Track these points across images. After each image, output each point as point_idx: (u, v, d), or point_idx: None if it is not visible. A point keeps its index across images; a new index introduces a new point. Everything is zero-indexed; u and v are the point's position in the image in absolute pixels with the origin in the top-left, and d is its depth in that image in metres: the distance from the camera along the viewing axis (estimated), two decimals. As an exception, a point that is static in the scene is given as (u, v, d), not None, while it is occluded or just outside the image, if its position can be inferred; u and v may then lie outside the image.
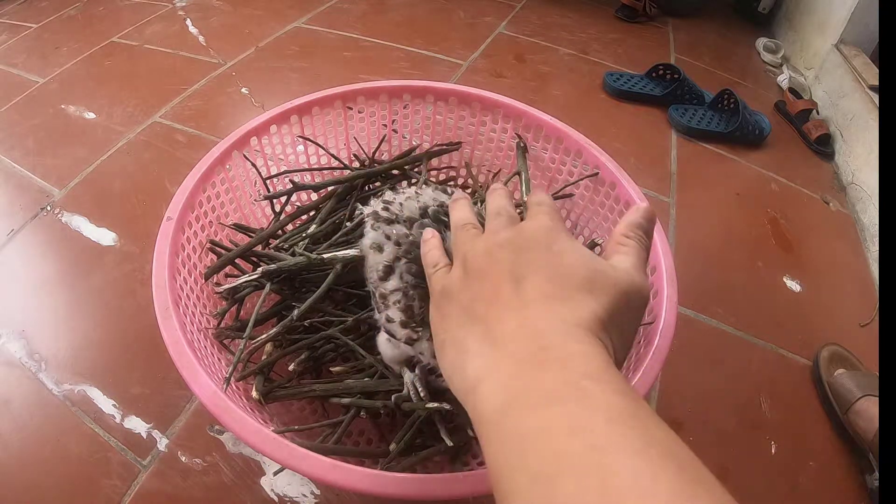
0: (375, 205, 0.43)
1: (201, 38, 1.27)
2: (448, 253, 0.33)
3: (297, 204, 0.64)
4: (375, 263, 0.39)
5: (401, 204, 0.42)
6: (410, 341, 0.37)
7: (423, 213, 0.40)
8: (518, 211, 0.32)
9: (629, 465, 0.17)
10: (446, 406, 0.38)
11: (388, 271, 0.38)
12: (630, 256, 0.27)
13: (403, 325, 0.37)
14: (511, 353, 0.23)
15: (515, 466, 0.20)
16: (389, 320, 0.38)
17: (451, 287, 0.28)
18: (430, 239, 0.34)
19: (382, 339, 0.41)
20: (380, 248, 0.39)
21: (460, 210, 0.33)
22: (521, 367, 0.22)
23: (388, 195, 0.43)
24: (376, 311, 0.40)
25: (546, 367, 0.22)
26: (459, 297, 0.27)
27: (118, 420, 0.60)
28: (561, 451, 0.18)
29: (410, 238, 0.39)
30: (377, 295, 0.39)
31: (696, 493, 0.17)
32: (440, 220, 0.39)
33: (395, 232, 0.39)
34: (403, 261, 0.38)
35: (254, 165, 0.59)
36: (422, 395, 0.40)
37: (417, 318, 0.37)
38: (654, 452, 0.18)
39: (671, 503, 0.16)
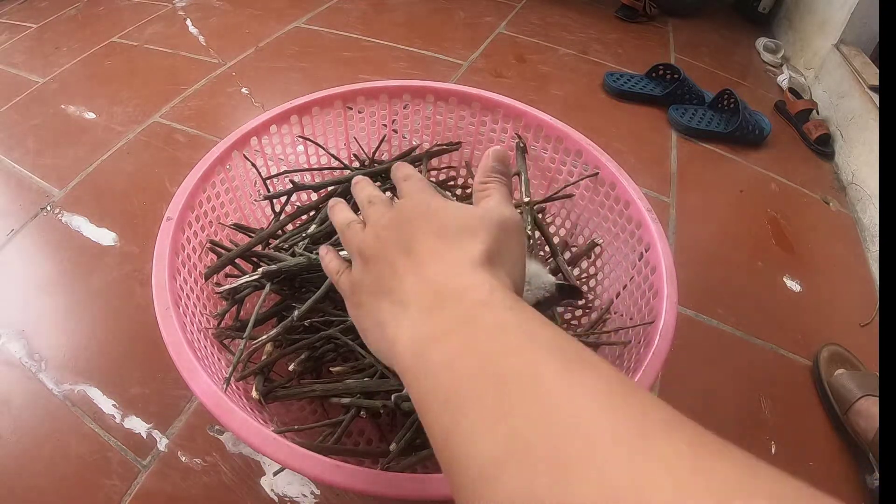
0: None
1: (201, 38, 1.27)
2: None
3: (297, 204, 0.64)
4: None
5: None
6: None
7: None
8: (519, 212, 0.33)
9: (516, 364, 0.20)
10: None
11: None
12: (493, 196, 0.31)
13: None
14: (415, 306, 0.25)
15: (428, 398, 0.22)
16: None
17: (355, 280, 0.30)
18: (325, 254, 0.36)
19: None
20: None
21: (339, 213, 0.35)
22: (424, 314, 0.25)
23: None
24: None
25: (442, 307, 0.24)
26: (365, 285, 0.29)
27: (118, 420, 0.60)
28: (461, 372, 0.21)
29: None
30: None
31: (581, 371, 0.19)
32: None
33: None
34: None
35: (254, 165, 0.59)
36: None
37: None
38: (541, 350, 0.20)
39: (557, 381, 0.19)
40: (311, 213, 0.61)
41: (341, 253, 0.35)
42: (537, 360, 0.20)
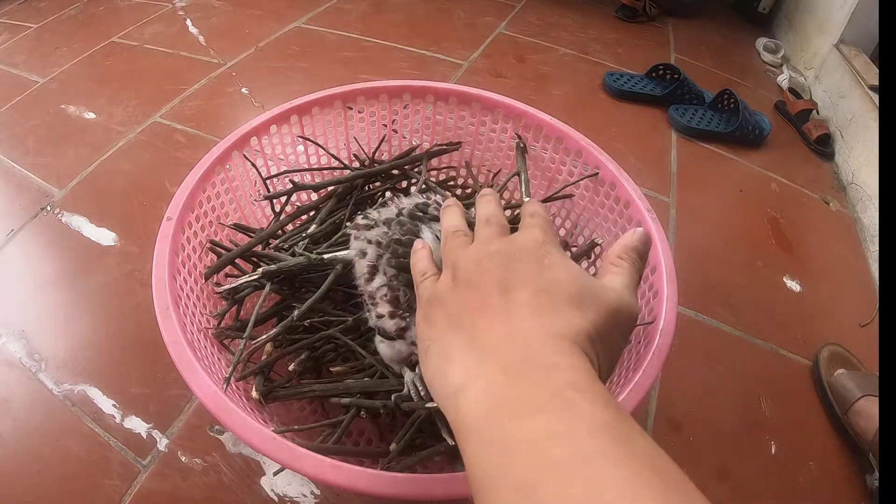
0: (357, 218, 0.44)
1: (201, 38, 1.27)
2: (438, 264, 0.33)
3: (297, 204, 0.64)
4: (361, 268, 0.41)
5: (378, 212, 0.43)
6: (400, 331, 0.38)
7: (399, 213, 0.41)
8: (515, 214, 0.32)
9: (612, 475, 0.17)
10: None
11: (373, 271, 0.40)
12: (621, 277, 0.27)
13: (392, 315, 0.38)
14: (496, 361, 0.23)
15: (498, 474, 0.19)
16: (380, 316, 0.39)
17: (439, 294, 0.28)
18: (419, 249, 0.34)
19: (379, 340, 0.41)
20: (363, 254, 0.41)
21: (451, 217, 0.33)
22: (506, 375, 0.22)
23: (369, 210, 0.45)
24: (367, 312, 0.41)
25: (531, 376, 0.22)
26: (447, 304, 0.27)
27: (118, 420, 0.60)
28: (544, 460, 0.18)
29: (389, 234, 0.40)
30: (366, 296, 0.40)
31: (680, 497, 0.17)
32: (415, 216, 0.40)
33: (374, 234, 0.40)
34: (385, 256, 0.39)
35: (254, 165, 0.59)
36: (422, 394, 0.40)
37: (404, 305, 0.38)
38: (637, 463, 0.18)
39: None
40: (311, 213, 0.61)
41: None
42: (639, 481, 0.17)
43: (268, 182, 0.60)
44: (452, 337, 0.25)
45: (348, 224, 0.53)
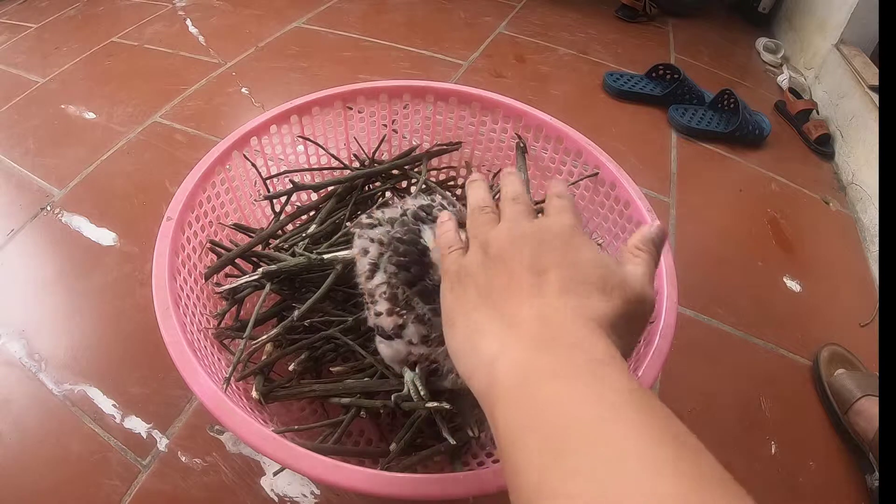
0: (361, 217, 0.44)
1: (201, 38, 1.27)
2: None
3: (297, 204, 0.64)
4: (362, 266, 0.41)
5: (382, 212, 0.43)
6: (398, 329, 0.38)
7: (404, 213, 0.41)
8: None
9: (634, 436, 0.19)
10: (446, 405, 0.38)
11: (374, 269, 0.40)
12: (642, 267, 0.28)
13: (389, 312, 0.38)
14: (527, 335, 0.24)
15: (527, 432, 0.21)
16: (378, 314, 0.39)
17: (469, 268, 0.29)
18: (446, 221, 0.35)
19: (378, 340, 0.41)
20: (365, 252, 0.41)
21: (477, 191, 0.34)
22: (537, 348, 0.24)
23: (373, 210, 0.45)
24: (367, 311, 0.41)
25: (560, 349, 0.23)
26: (477, 280, 0.28)
27: (118, 420, 0.60)
28: (572, 418, 0.20)
29: (391, 233, 0.40)
30: (366, 294, 0.40)
31: (698, 463, 0.18)
32: (419, 217, 0.40)
33: (377, 233, 0.41)
34: (386, 255, 0.39)
35: (254, 165, 0.59)
36: (422, 394, 0.40)
37: (401, 302, 0.38)
38: (657, 428, 0.19)
39: (674, 471, 0.18)
40: (311, 213, 0.61)
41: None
42: (658, 442, 0.19)
43: (268, 182, 0.60)
44: (483, 312, 0.26)
45: (348, 224, 0.54)
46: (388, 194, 0.62)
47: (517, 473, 0.21)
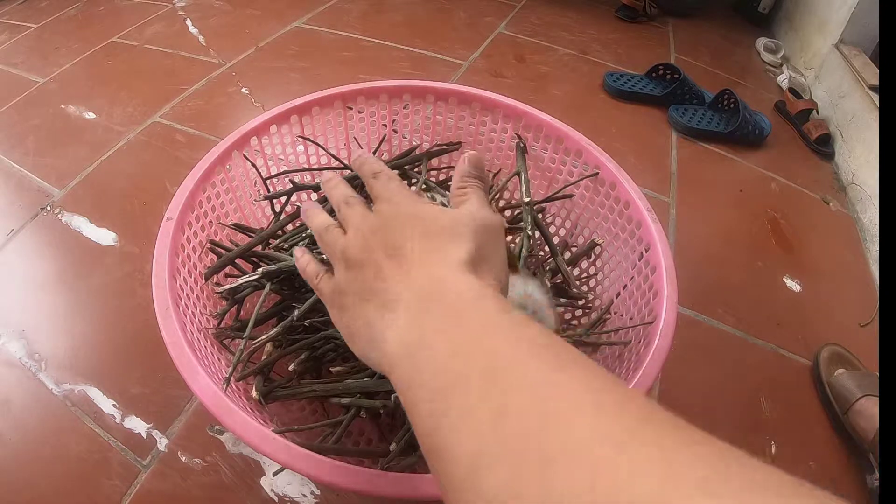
0: None
1: (201, 38, 1.27)
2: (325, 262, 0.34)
3: (297, 204, 0.64)
4: None
5: None
6: None
7: None
8: (515, 213, 0.33)
9: (505, 363, 0.21)
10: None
11: None
12: (472, 199, 0.31)
13: None
14: (403, 308, 0.26)
15: (417, 399, 0.23)
16: None
17: (338, 284, 0.30)
18: (300, 257, 0.36)
19: None
20: None
21: (315, 217, 0.35)
22: (412, 315, 0.25)
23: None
24: None
25: (431, 308, 0.25)
26: (349, 288, 0.29)
27: (118, 420, 0.60)
28: (448, 372, 0.22)
29: None
30: None
31: (571, 369, 0.20)
32: None
33: None
34: None
35: (254, 165, 0.59)
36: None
37: None
38: (527, 346, 0.21)
39: (545, 379, 0.20)
40: (311, 213, 0.61)
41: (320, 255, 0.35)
42: (526, 359, 0.21)
43: (268, 182, 0.60)
44: (365, 308, 0.28)
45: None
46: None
47: (421, 437, 0.22)
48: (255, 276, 0.49)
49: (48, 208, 0.84)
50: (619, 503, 0.15)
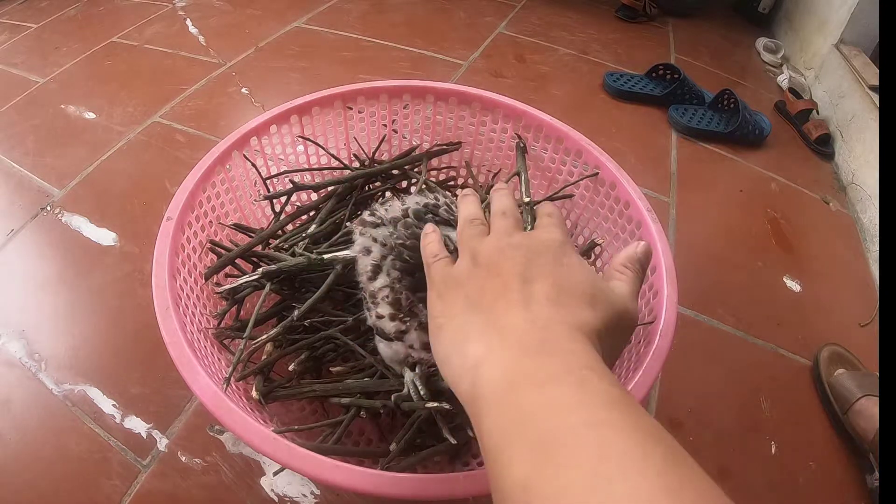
0: (363, 214, 0.44)
1: (201, 38, 1.27)
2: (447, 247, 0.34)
3: (297, 204, 0.64)
4: (364, 265, 0.41)
5: (385, 209, 0.43)
6: (399, 334, 0.38)
7: (405, 213, 0.41)
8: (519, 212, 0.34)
9: (622, 440, 0.19)
10: (446, 405, 0.38)
11: (376, 270, 0.40)
12: (627, 285, 0.30)
13: (392, 317, 0.38)
14: (514, 341, 0.25)
15: (515, 437, 0.21)
16: (379, 317, 0.39)
17: (457, 276, 0.30)
18: (430, 233, 0.36)
19: (378, 339, 0.41)
20: (367, 251, 0.41)
21: (469, 205, 0.35)
22: (524, 352, 0.24)
23: (375, 206, 0.45)
24: (367, 311, 0.41)
25: (547, 356, 0.23)
26: (466, 286, 0.28)
27: (118, 420, 0.60)
28: (560, 425, 0.20)
29: (394, 236, 0.40)
30: (367, 294, 0.40)
31: (680, 463, 0.19)
32: (422, 217, 0.40)
33: (380, 234, 0.41)
34: (389, 258, 0.39)
35: (254, 165, 0.59)
36: (422, 394, 0.40)
37: (405, 309, 0.38)
38: (642, 433, 0.20)
39: (658, 472, 0.18)
40: (311, 213, 0.61)
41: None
42: (646, 447, 0.19)
43: (268, 182, 0.60)
44: (471, 317, 0.27)
45: (348, 223, 0.53)
46: (387, 194, 0.62)
47: (503, 478, 0.21)
48: (255, 276, 0.49)
49: (48, 208, 0.84)
50: None
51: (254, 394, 0.46)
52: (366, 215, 0.43)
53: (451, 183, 0.71)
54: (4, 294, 0.73)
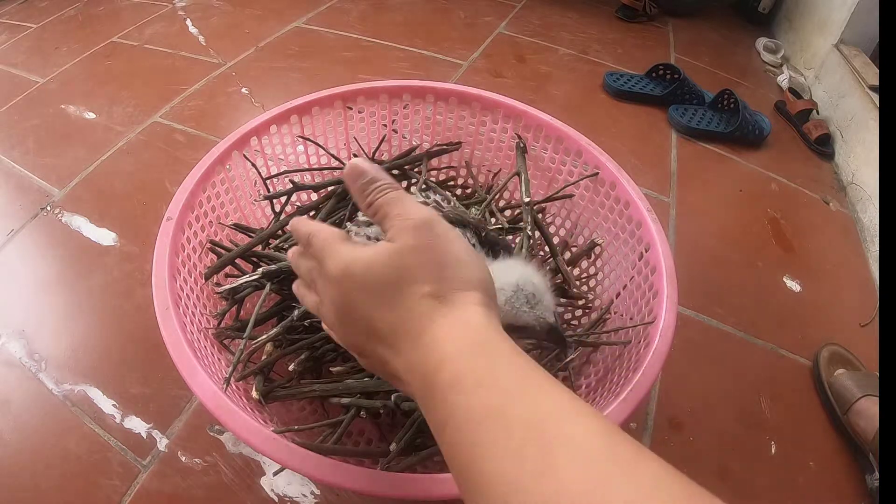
0: (359, 214, 0.44)
1: (201, 38, 1.27)
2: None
3: (297, 204, 0.64)
4: None
5: None
6: None
7: None
8: (515, 213, 0.33)
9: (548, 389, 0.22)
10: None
11: None
12: (384, 210, 0.28)
13: None
14: (407, 343, 0.26)
15: (448, 423, 0.23)
16: None
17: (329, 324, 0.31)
18: (297, 289, 0.33)
19: None
20: None
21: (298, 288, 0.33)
22: (415, 346, 0.25)
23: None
24: None
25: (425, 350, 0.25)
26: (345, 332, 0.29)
27: (118, 420, 0.60)
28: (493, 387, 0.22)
29: None
30: None
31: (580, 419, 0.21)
32: None
33: (374, 231, 0.40)
34: None
35: (254, 165, 0.59)
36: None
37: None
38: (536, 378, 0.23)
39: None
40: (311, 213, 0.61)
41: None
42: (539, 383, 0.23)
43: (268, 182, 0.60)
44: (371, 346, 0.28)
45: (348, 223, 0.53)
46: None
47: (454, 453, 0.22)
48: (255, 276, 0.49)
49: (48, 208, 0.84)
50: None
51: (254, 394, 0.46)
52: (360, 216, 0.43)
53: (451, 183, 0.71)
54: (4, 294, 0.73)
